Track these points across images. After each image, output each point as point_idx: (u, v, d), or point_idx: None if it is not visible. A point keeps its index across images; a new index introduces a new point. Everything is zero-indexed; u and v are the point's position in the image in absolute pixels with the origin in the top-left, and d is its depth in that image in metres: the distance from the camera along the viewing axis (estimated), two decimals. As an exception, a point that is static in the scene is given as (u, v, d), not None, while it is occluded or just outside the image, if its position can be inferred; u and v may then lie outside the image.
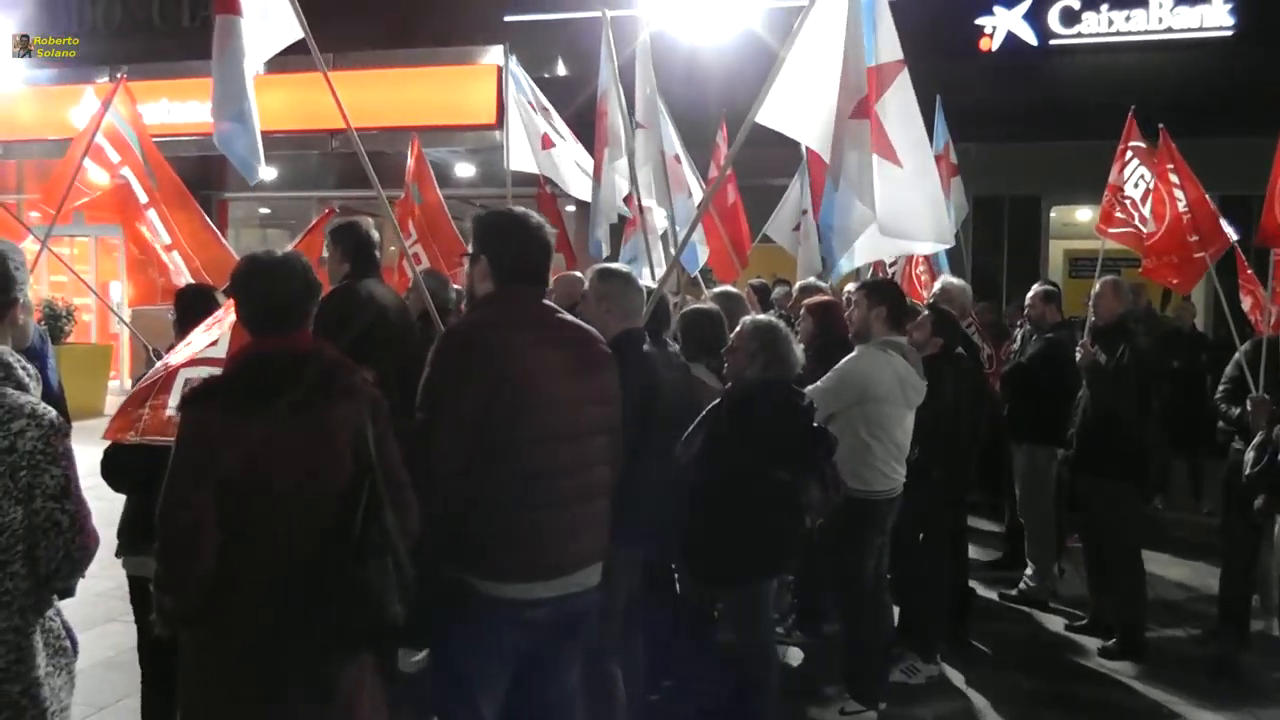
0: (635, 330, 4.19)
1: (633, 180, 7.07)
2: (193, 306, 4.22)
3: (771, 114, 4.88)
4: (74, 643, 2.93)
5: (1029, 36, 13.15)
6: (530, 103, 8.50)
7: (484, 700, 3.20)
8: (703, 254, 8.02)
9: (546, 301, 3.41)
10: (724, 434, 4.28)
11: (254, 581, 2.63)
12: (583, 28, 11.41)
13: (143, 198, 5.72)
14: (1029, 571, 7.27)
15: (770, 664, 4.62)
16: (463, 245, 8.11)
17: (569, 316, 3.43)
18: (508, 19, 13.73)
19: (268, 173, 12.00)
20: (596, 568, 3.31)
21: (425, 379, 3.11)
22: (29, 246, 5.83)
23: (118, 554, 4.02)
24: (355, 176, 14.92)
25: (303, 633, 2.63)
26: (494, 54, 13.75)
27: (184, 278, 5.73)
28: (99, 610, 6.19)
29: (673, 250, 7.92)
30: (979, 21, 13.20)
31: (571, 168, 8.44)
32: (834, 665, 5.52)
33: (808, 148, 6.30)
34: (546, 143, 8.36)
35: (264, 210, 18.80)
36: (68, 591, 2.87)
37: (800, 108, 4.94)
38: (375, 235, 5.06)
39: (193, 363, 3.82)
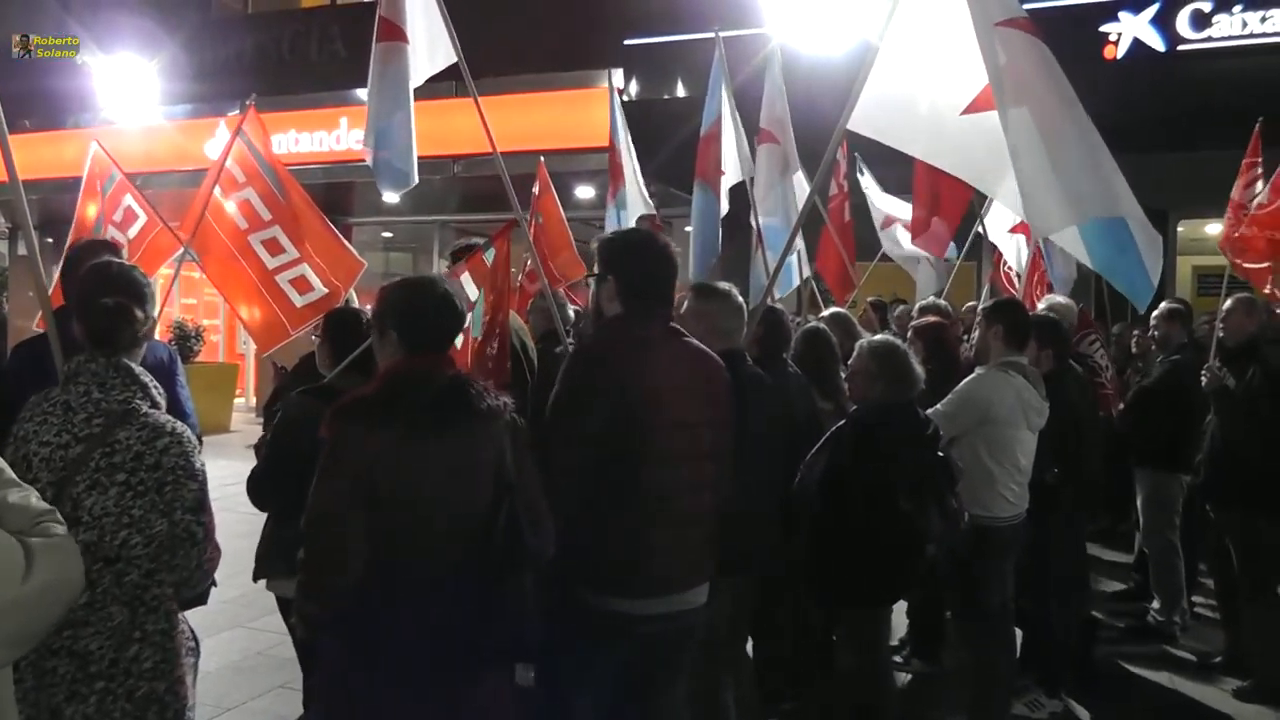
0: (735, 351, 4.18)
1: (752, 200, 7.00)
2: (341, 328, 4.31)
3: (868, 120, 4.75)
4: (198, 644, 3.12)
5: (1156, 43, 12.75)
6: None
7: (591, 716, 3.27)
8: (795, 275, 7.91)
9: (673, 324, 3.46)
10: (847, 460, 4.26)
11: (396, 594, 2.72)
12: (703, 48, 11.54)
13: (266, 214, 5.89)
14: (1156, 604, 7.02)
15: (887, 691, 4.60)
16: (582, 266, 8.22)
17: (693, 340, 3.47)
18: (628, 43, 13.90)
19: (390, 197, 12.32)
20: (704, 588, 3.36)
21: (554, 395, 3.21)
22: (163, 271, 6.13)
23: (256, 577, 4.15)
24: (476, 200, 15.27)
25: (443, 647, 2.72)
26: (616, 77, 13.96)
27: (315, 292, 5.84)
28: (224, 617, 6.48)
29: (805, 270, 7.90)
30: (1104, 28, 12.84)
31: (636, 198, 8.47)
32: (953, 695, 5.42)
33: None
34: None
35: (387, 234, 19.34)
36: (200, 599, 3.04)
37: (899, 111, 4.76)
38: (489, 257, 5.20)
39: None
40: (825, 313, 6.74)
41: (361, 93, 14.69)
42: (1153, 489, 6.96)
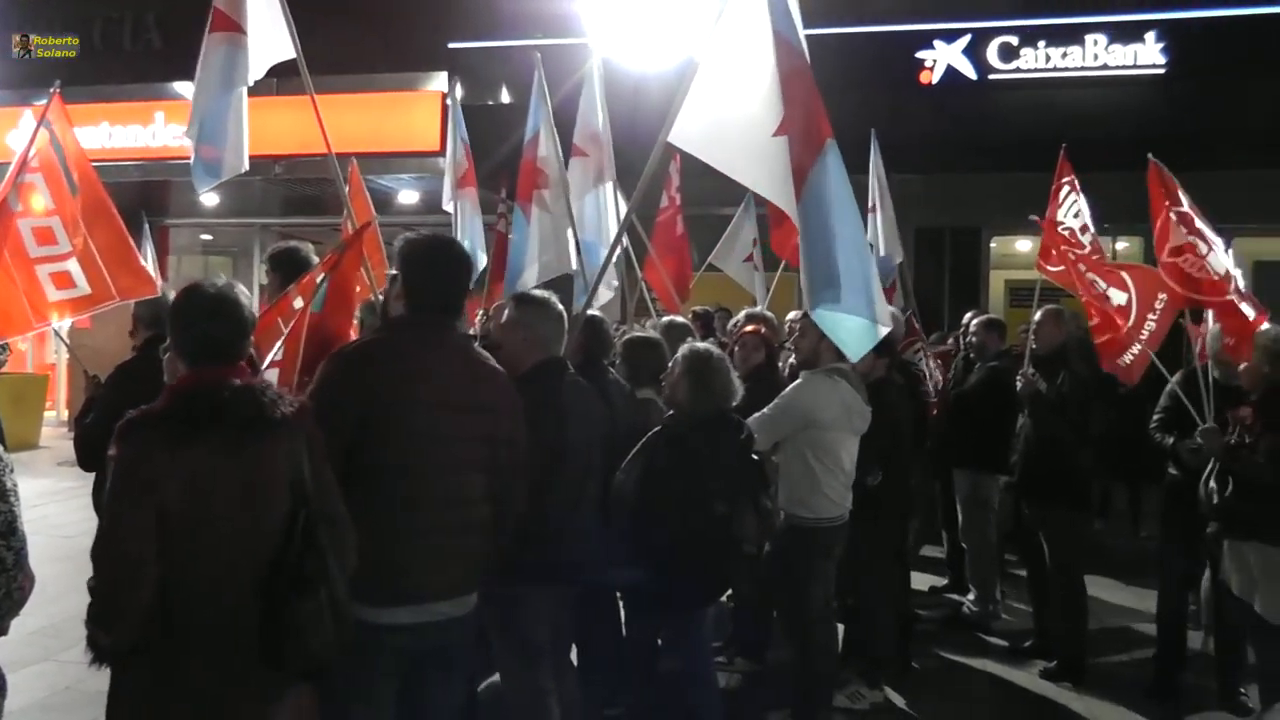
0: (553, 360, 4.16)
1: (569, 214, 7.01)
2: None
3: (687, 136, 4.83)
4: (3, 682, 2.88)
5: (968, 71, 13.41)
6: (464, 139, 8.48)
7: None
8: (614, 283, 7.99)
9: (461, 332, 3.42)
10: (660, 464, 4.30)
11: (191, 615, 2.60)
12: (528, 55, 11.50)
13: (46, 204, 5.56)
14: (971, 596, 7.40)
15: (710, 691, 4.63)
16: (385, 272, 8.09)
17: (481, 353, 3.44)
18: (451, 45, 13.75)
19: (209, 198, 11.84)
20: (463, 600, 3.30)
21: (308, 396, 3.12)
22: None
23: None
24: (299, 203, 14.85)
25: (238, 666, 2.61)
26: (438, 80, 13.77)
27: (75, 290, 5.57)
28: (31, 650, 6.01)
29: (616, 281, 7.95)
30: (919, 55, 13.43)
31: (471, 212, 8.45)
32: (777, 692, 5.52)
33: None
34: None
35: (205, 237, 18.58)
36: (1, 631, 2.82)
37: (717, 127, 4.76)
38: (315, 261, 5.03)
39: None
40: (662, 320, 6.81)
41: (179, 86, 14.22)
42: (971, 488, 7.33)
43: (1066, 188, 7.19)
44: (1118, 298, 6.32)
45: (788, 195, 4.43)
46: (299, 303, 3.80)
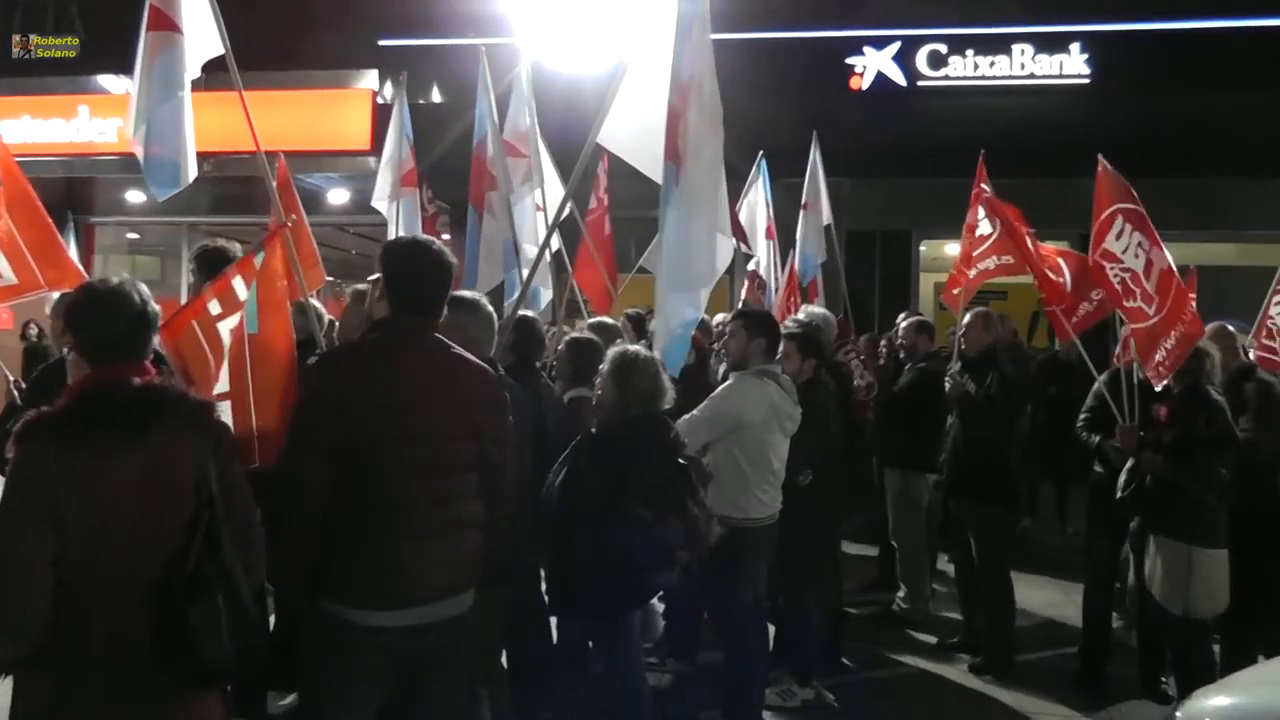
0: (486, 360, 4.11)
1: (510, 219, 7.01)
2: None
3: (615, 138, 4.87)
4: None
5: (898, 77, 13.58)
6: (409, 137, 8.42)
7: None
8: (545, 296, 8.01)
9: (438, 335, 3.40)
10: (585, 469, 4.29)
11: (90, 622, 2.54)
12: (459, 54, 11.39)
13: None
14: (901, 593, 7.49)
15: (639, 694, 4.62)
16: (324, 275, 8.01)
17: (462, 352, 3.43)
18: (382, 43, 13.62)
19: (135, 196, 11.59)
20: (458, 600, 3.28)
21: (296, 403, 3.17)
22: None
23: None
24: (228, 202, 14.58)
25: (139, 674, 2.55)
26: (369, 78, 13.63)
27: (4, 279, 5.45)
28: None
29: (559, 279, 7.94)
30: (850, 61, 13.58)
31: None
32: (710, 692, 5.53)
33: None
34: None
35: (132, 236, 18.19)
36: None
37: (641, 130, 4.86)
38: None
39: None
40: (591, 321, 6.81)
41: (104, 80, 13.90)
42: (901, 487, 7.41)
43: (983, 196, 7.32)
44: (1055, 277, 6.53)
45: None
46: (215, 307, 3.73)
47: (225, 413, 3.97)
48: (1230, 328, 6.36)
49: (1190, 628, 5.35)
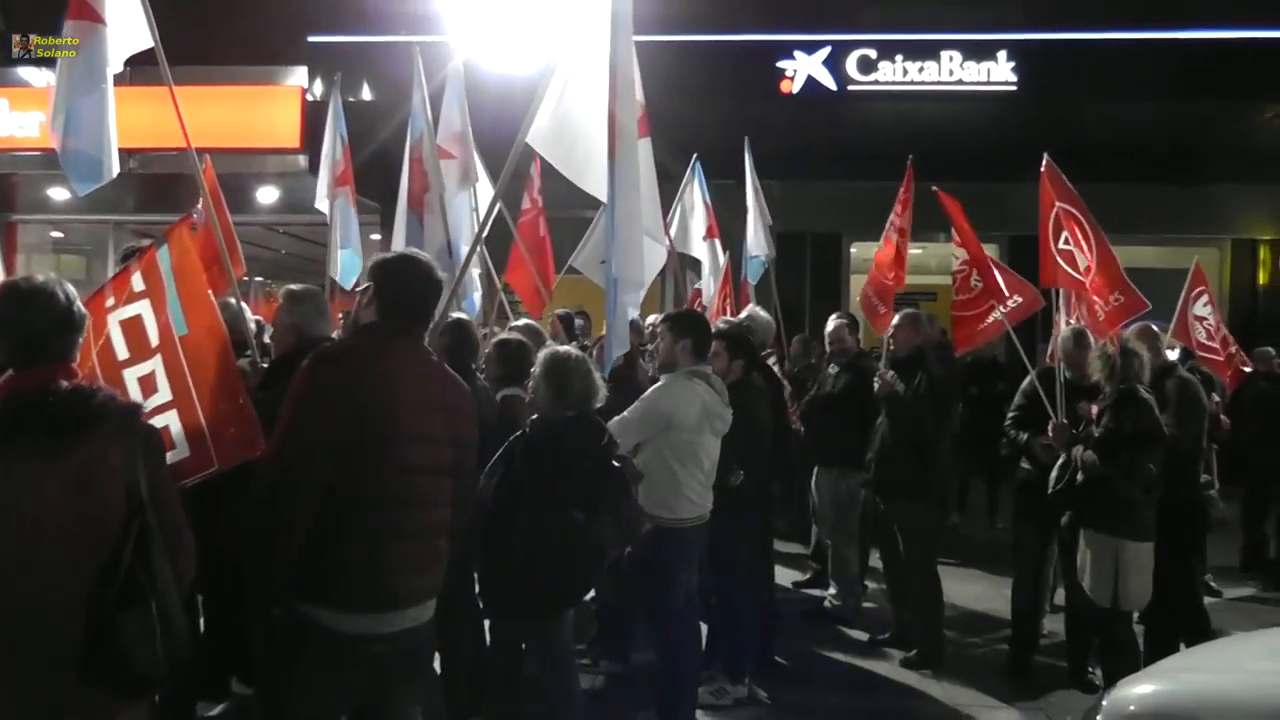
0: None
1: (444, 220, 6.95)
2: None
3: (543, 138, 4.89)
4: None
5: (828, 81, 13.71)
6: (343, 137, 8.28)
7: None
8: (477, 299, 7.98)
9: (424, 345, 3.46)
10: (519, 470, 4.30)
11: (16, 633, 2.46)
12: (390, 52, 11.27)
13: None
14: (833, 590, 7.55)
15: (572, 695, 4.62)
16: (243, 271, 7.87)
17: (436, 359, 3.49)
18: (312, 39, 13.44)
19: (59, 193, 11.31)
20: (431, 604, 3.30)
21: (287, 401, 3.10)
22: None
23: None
24: (155, 199, 14.24)
25: (66, 686, 2.48)
26: (298, 75, 13.43)
27: None
28: None
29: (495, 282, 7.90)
30: (780, 64, 13.68)
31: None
32: (642, 692, 5.53)
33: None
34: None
35: (56, 234, 17.71)
36: None
37: (566, 130, 4.94)
38: None
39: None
40: (519, 323, 6.78)
41: (24, 71, 13.50)
42: (832, 485, 7.47)
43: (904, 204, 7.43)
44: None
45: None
46: (110, 300, 3.67)
47: (173, 422, 3.91)
48: (1154, 328, 6.55)
49: (1116, 618, 5.48)
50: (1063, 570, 6.19)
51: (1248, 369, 9.10)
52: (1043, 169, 6.44)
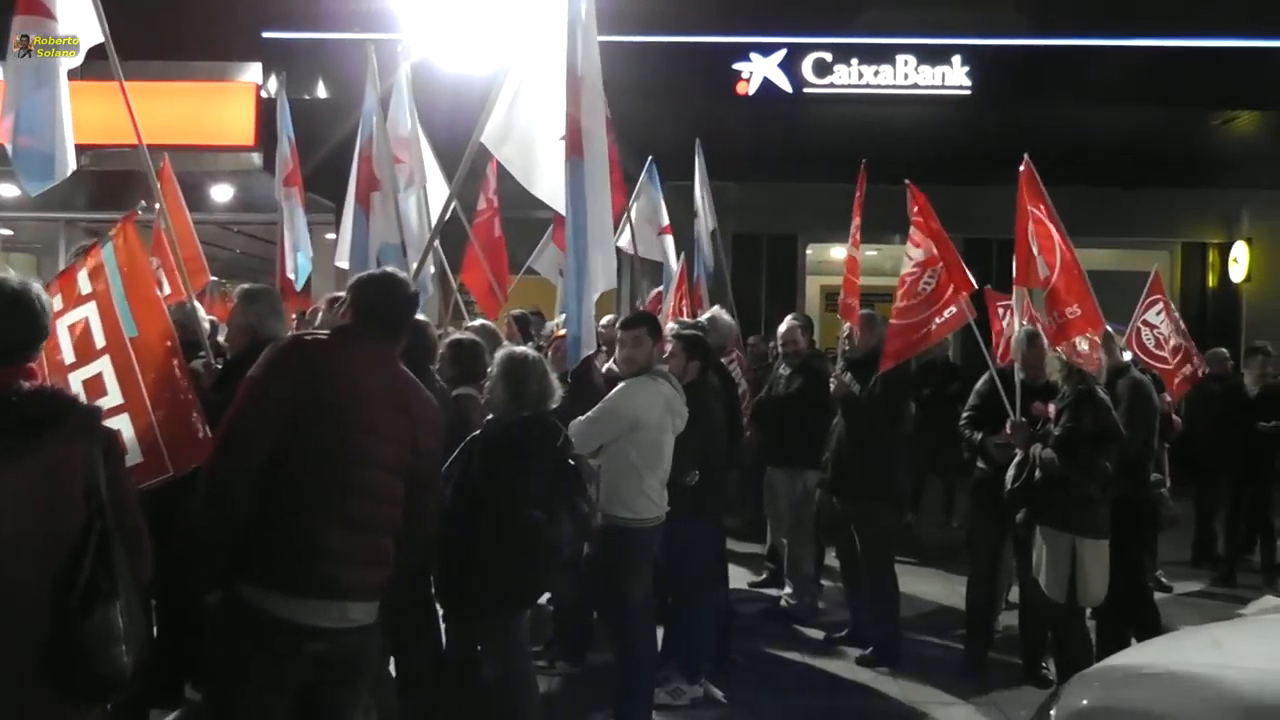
0: None
1: (398, 220, 6.88)
2: None
3: (497, 137, 4.90)
4: None
5: (784, 84, 13.76)
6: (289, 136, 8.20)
7: None
8: (428, 288, 7.93)
9: (396, 355, 3.51)
10: (476, 470, 4.30)
11: None
12: (346, 49, 11.17)
13: None
14: (789, 589, 7.57)
15: (529, 697, 4.61)
16: (207, 275, 7.77)
17: (409, 374, 3.53)
18: (266, 35, 13.28)
19: (9, 190, 11.05)
20: (372, 607, 3.28)
21: (247, 378, 3.14)
22: None
23: None
24: (108, 197, 14.00)
25: (26, 689, 2.44)
26: (253, 71, 13.26)
27: None
28: None
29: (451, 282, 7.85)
30: (736, 66, 13.71)
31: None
32: (599, 692, 5.53)
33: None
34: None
35: (5, 232, 17.36)
36: None
37: (519, 130, 4.96)
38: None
39: None
40: (474, 324, 6.74)
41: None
42: (788, 485, 7.50)
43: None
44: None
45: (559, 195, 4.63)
46: (58, 302, 3.63)
47: (125, 426, 3.84)
48: (1110, 329, 6.65)
49: (1070, 614, 5.55)
50: (1018, 567, 6.24)
51: (1201, 374, 9.10)
52: (1021, 170, 6.44)
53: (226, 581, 3.05)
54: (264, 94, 13.13)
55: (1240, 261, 14.46)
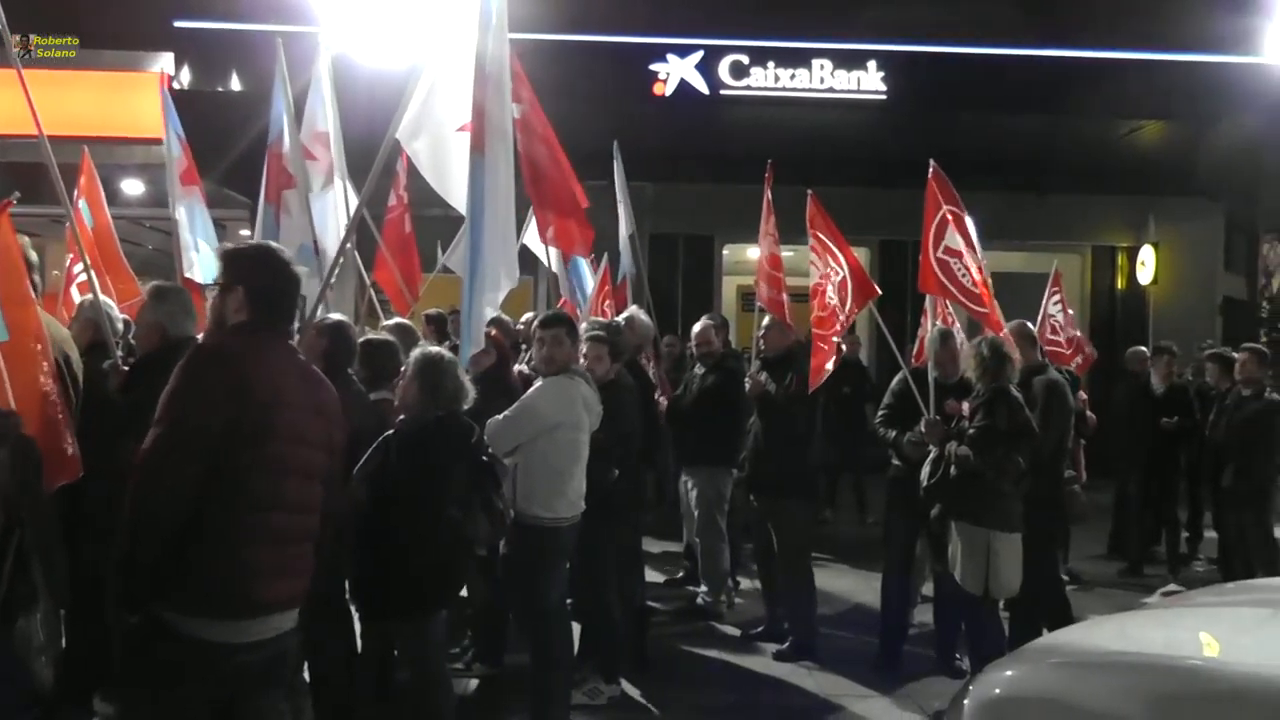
0: None
1: (308, 215, 6.73)
2: None
3: (411, 132, 4.86)
4: None
5: (701, 85, 13.85)
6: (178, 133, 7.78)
7: None
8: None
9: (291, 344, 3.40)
10: (392, 469, 4.27)
11: None
12: (261, 41, 10.94)
13: None
14: (704, 587, 7.61)
15: (446, 699, 4.58)
16: (130, 274, 7.47)
17: (307, 362, 3.44)
18: (178, 24, 12.95)
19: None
20: (294, 613, 3.21)
21: (168, 393, 2.93)
22: None
23: None
24: (23, 189, 13.52)
25: None
26: (164, 61, 12.92)
27: None
28: None
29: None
30: (653, 67, 13.76)
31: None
32: (516, 695, 5.49)
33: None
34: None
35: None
36: None
37: (429, 124, 4.94)
38: (34, 257, 4.59)
39: None
40: (389, 322, 6.66)
41: None
42: (703, 484, 7.53)
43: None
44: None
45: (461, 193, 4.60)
46: None
47: None
48: (1030, 326, 6.85)
49: (983, 606, 5.66)
50: (931, 562, 6.34)
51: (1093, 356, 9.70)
52: (930, 175, 6.53)
53: (145, 602, 2.92)
54: (176, 85, 12.79)
55: (1148, 265, 14.90)
